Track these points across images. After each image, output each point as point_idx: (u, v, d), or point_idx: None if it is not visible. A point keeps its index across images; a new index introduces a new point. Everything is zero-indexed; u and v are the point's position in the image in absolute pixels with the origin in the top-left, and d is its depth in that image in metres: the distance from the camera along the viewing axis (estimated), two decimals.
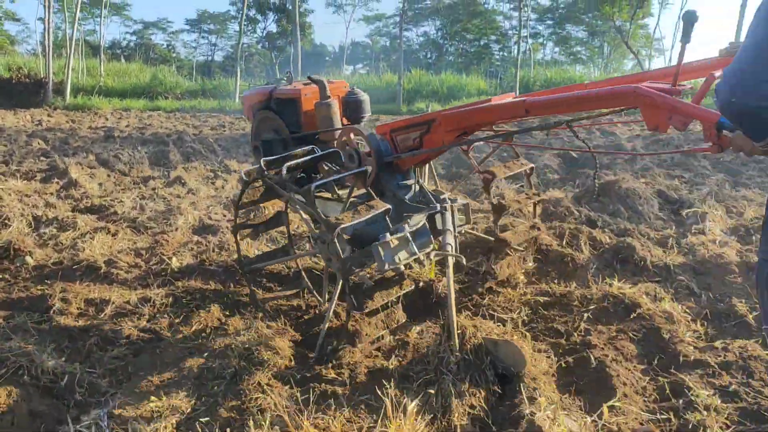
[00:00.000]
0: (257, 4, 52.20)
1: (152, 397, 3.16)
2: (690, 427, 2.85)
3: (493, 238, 4.42)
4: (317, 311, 4.23)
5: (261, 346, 3.53)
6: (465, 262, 3.55)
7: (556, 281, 4.52)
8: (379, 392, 2.97)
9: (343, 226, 3.32)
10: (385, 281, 3.59)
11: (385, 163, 3.89)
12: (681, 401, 3.05)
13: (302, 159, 3.79)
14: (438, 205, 3.77)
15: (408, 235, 3.27)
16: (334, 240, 3.28)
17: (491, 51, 67.03)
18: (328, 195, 4.19)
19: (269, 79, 4.73)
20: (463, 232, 4.43)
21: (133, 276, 4.89)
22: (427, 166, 4.55)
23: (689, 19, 2.32)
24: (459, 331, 3.29)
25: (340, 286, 3.47)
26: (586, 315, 3.96)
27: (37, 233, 5.81)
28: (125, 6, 64.38)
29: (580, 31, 62.83)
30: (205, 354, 3.63)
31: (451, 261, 3.49)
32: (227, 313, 4.23)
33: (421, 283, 4.51)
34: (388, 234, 3.23)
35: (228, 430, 2.81)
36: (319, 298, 4.29)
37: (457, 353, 3.18)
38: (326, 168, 4.02)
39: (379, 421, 2.80)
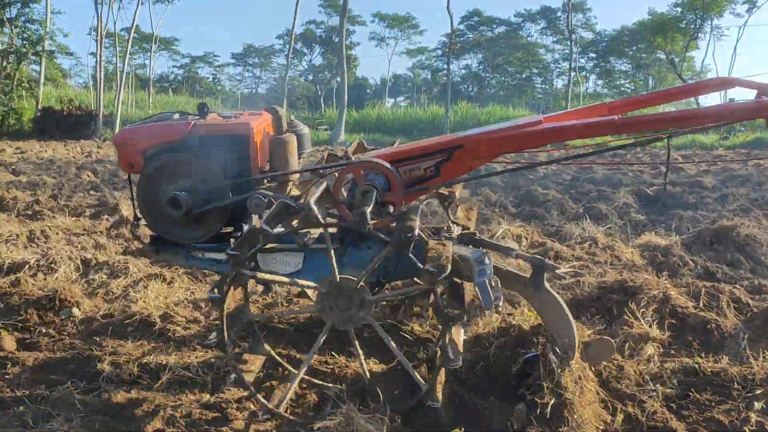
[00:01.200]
0: (303, 37, 52.74)
1: None
2: None
3: None
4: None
5: None
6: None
7: (703, 355, 3.71)
8: None
9: (417, 230, 2.78)
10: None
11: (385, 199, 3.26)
12: None
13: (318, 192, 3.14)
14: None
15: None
16: (409, 255, 2.80)
17: (533, 84, 66.60)
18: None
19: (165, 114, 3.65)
20: None
21: (192, 333, 4.27)
22: None
23: None
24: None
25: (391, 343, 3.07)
26: (756, 404, 3.15)
27: (85, 280, 5.26)
28: (174, 41, 65.89)
29: (623, 63, 62.04)
30: None
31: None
32: (303, 385, 3.54)
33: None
34: (486, 269, 2.95)
35: None
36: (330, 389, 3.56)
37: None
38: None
39: None
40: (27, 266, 5.22)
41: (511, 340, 3.51)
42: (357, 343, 3.17)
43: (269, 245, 3.28)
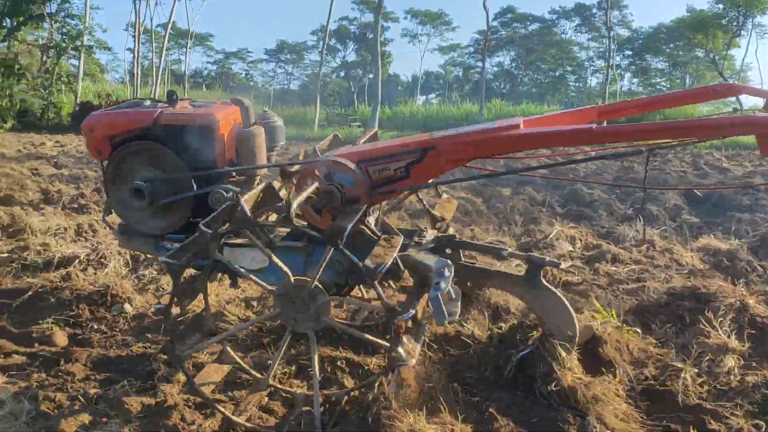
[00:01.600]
0: (337, 34, 52.79)
1: None
2: None
3: None
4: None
5: None
6: None
7: None
8: None
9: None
10: None
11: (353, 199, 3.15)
12: None
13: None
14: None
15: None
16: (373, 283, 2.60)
17: (567, 82, 65.72)
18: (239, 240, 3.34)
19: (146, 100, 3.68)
20: None
21: (245, 333, 4.16)
22: None
23: None
24: None
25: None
26: None
27: (135, 275, 5.20)
28: (208, 37, 66.46)
29: (660, 61, 60.86)
30: None
31: None
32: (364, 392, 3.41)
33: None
34: (443, 283, 2.82)
35: None
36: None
37: None
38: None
39: None
40: (77, 260, 5.19)
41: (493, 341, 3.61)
42: (355, 330, 3.03)
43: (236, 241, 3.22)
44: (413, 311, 2.71)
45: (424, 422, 2.86)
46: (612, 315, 3.95)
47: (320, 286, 2.79)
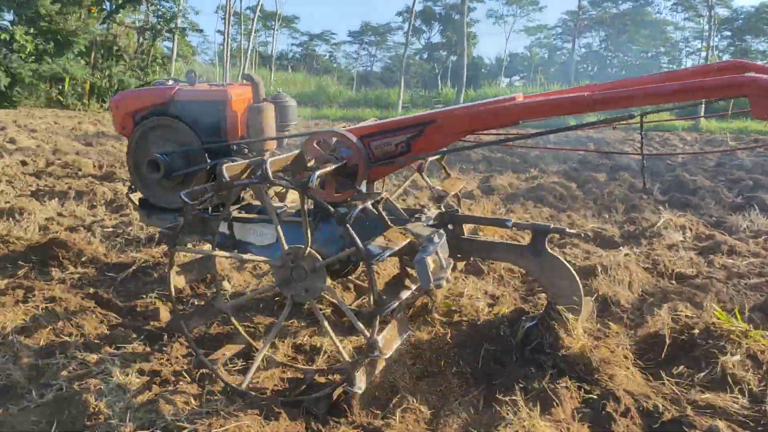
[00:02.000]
0: (422, 14, 52.34)
1: None
2: None
3: None
4: None
5: None
6: None
7: None
8: None
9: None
10: None
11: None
12: None
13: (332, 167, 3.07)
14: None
15: (440, 248, 2.90)
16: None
17: (659, 63, 62.78)
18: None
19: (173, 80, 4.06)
20: None
21: (341, 318, 4.10)
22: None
23: None
24: None
25: None
26: None
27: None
28: (294, 19, 67.44)
29: (761, 42, 57.06)
30: None
31: None
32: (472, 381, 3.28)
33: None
34: (431, 246, 2.82)
35: None
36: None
37: None
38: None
39: None
40: None
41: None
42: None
43: (246, 216, 3.42)
44: (397, 302, 2.74)
45: (538, 419, 2.70)
46: (735, 313, 3.63)
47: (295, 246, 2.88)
